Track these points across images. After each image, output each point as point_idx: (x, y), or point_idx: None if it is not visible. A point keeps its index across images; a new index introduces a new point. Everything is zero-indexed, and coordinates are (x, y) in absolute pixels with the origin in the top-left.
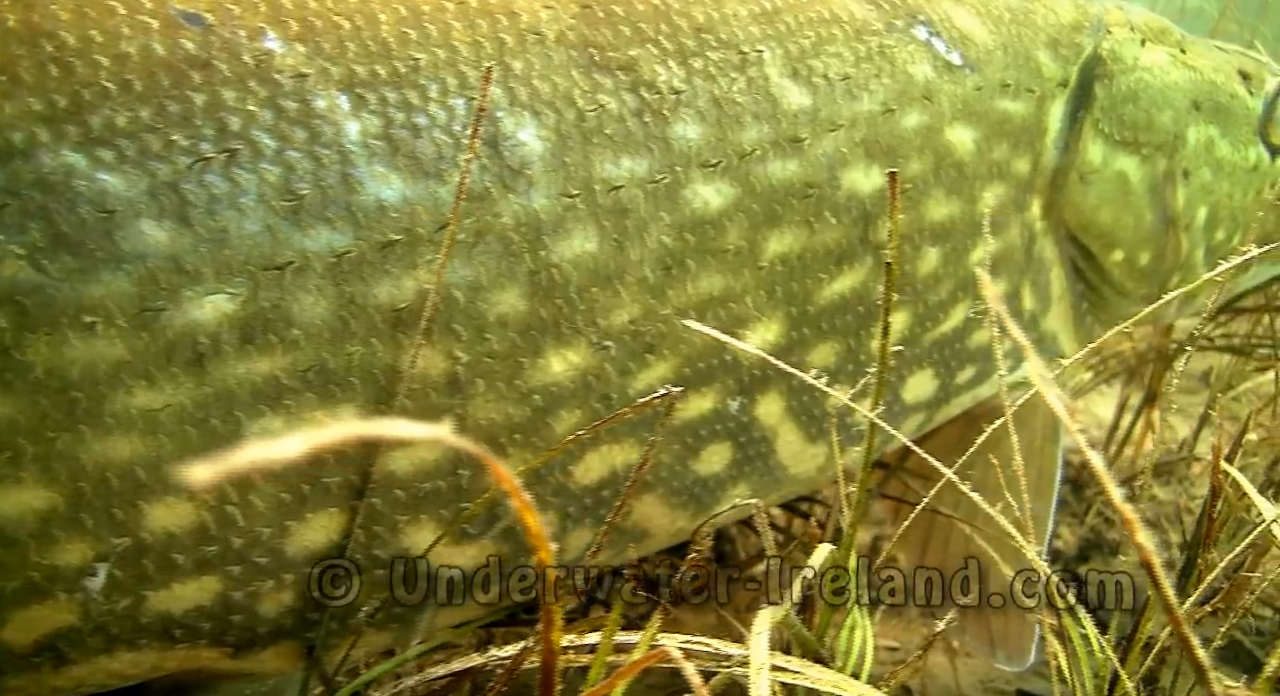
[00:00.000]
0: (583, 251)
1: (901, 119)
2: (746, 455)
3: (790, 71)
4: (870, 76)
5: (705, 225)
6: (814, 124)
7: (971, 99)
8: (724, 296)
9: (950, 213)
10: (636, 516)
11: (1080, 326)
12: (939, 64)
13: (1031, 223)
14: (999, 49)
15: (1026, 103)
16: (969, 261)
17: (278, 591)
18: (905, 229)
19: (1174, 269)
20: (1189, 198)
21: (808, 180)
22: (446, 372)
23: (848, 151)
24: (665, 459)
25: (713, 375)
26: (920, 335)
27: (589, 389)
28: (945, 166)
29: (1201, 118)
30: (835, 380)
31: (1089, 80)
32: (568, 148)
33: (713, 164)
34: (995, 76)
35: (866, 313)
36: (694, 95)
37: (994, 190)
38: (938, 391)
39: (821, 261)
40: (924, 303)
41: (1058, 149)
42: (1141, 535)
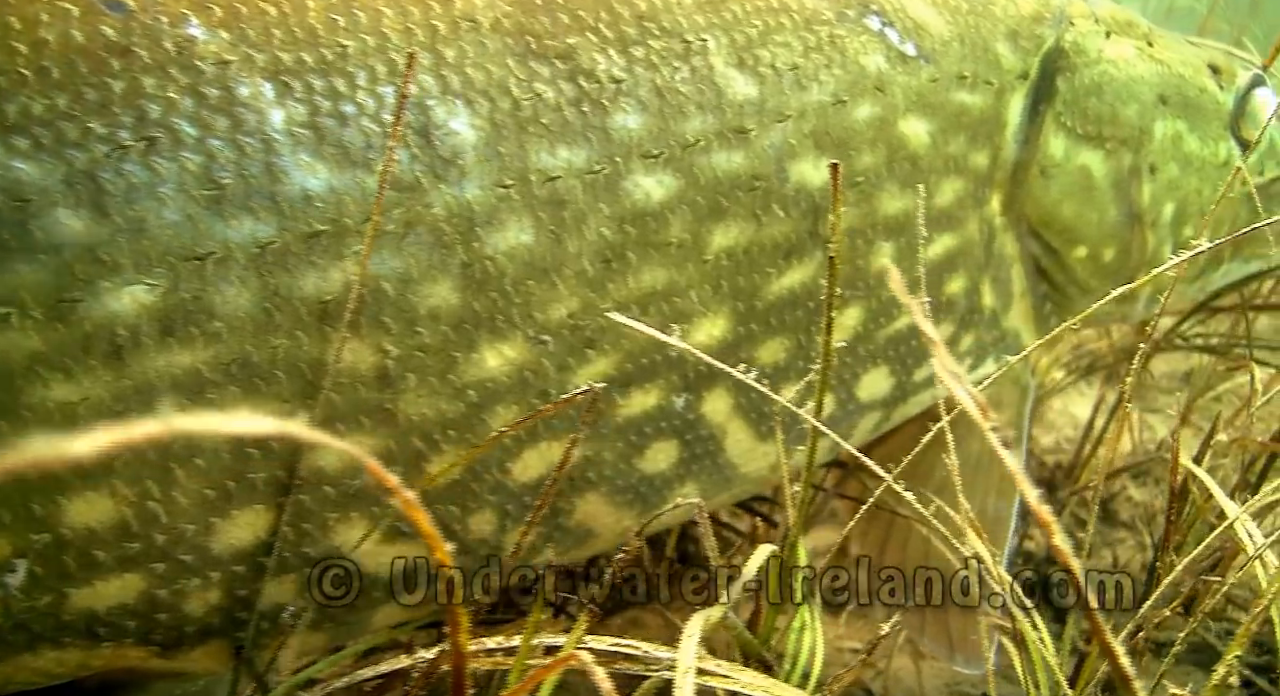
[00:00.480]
0: (518, 243)
1: (853, 110)
2: (694, 453)
3: (736, 61)
4: (820, 67)
5: (647, 217)
6: (761, 115)
7: (926, 91)
8: (667, 291)
9: (904, 207)
10: (580, 515)
11: (1044, 324)
12: (892, 55)
13: (991, 218)
14: (956, 40)
15: (985, 95)
16: (925, 257)
17: (204, 590)
18: (857, 223)
19: (1140, 266)
20: (1155, 193)
21: (754, 172)
22: (375, 367)
23: (796, 143)
24: (608, 457)
25: (656, 371)
26: (874, 332)
27: (526, 385)
28: (899, 159)
29: (1169, 112)
30: (786, 377)
31: (1051, 73)
32: (502, 137)
33: (654, 155)
34: (952, 68)
35: (817, 308)
36: (635, 84)
37: (951, 184)
38: (894, 389)
39: (769, 255)
40: (877, 298)
41: (1018, 142)
42: (1058, 538)
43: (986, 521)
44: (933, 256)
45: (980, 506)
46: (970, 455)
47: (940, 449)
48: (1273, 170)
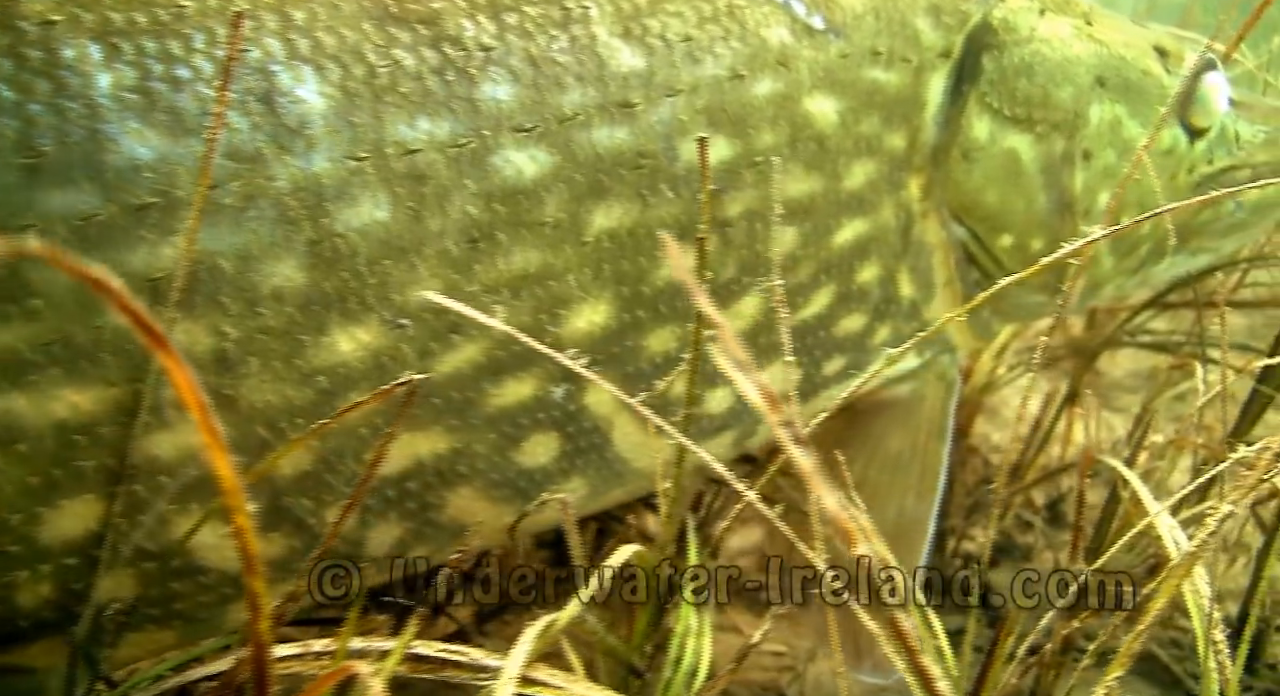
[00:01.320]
0: (372, 220)
1: (751, 86)
2: (578, 447)
3: (621, 30)
4: (716, 39)
5: (518, 195)
6: (648, 88)
7: (835, 67)
8: (541, 274)
9: (809, 189)
10: (453, 511)
11: (975, 316)
12: (797, 28)
13: (909, 203)
14: (869, 14)
15: (901, 73)
16: (833, 243)
17: (35, 583)
18: (756, 206)
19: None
20: (1089, 181)
21: (640, 149)
22: (213, 350)
23: (688, 119)
24: (480, 449)
25: (531, 359)
26: (775, 322)
27: (384, 371)
28: (804, 139)
29: (1107, 95)
30: (677, 368)
31: (976, 51)
32: (355, 106)
33: (527, 129)
34: (864, 43)
35: (712, 295)
36: (506, 53)
37: (862, 166)
38: (802, 382)
39: (657, 238)
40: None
41: (938, 124)
42: (863, 546)
43: (903, 523)
44: (841, 242)
45: (898, 507)
46: (890, 453)
47: (860, 446)
48: (1223, 159)
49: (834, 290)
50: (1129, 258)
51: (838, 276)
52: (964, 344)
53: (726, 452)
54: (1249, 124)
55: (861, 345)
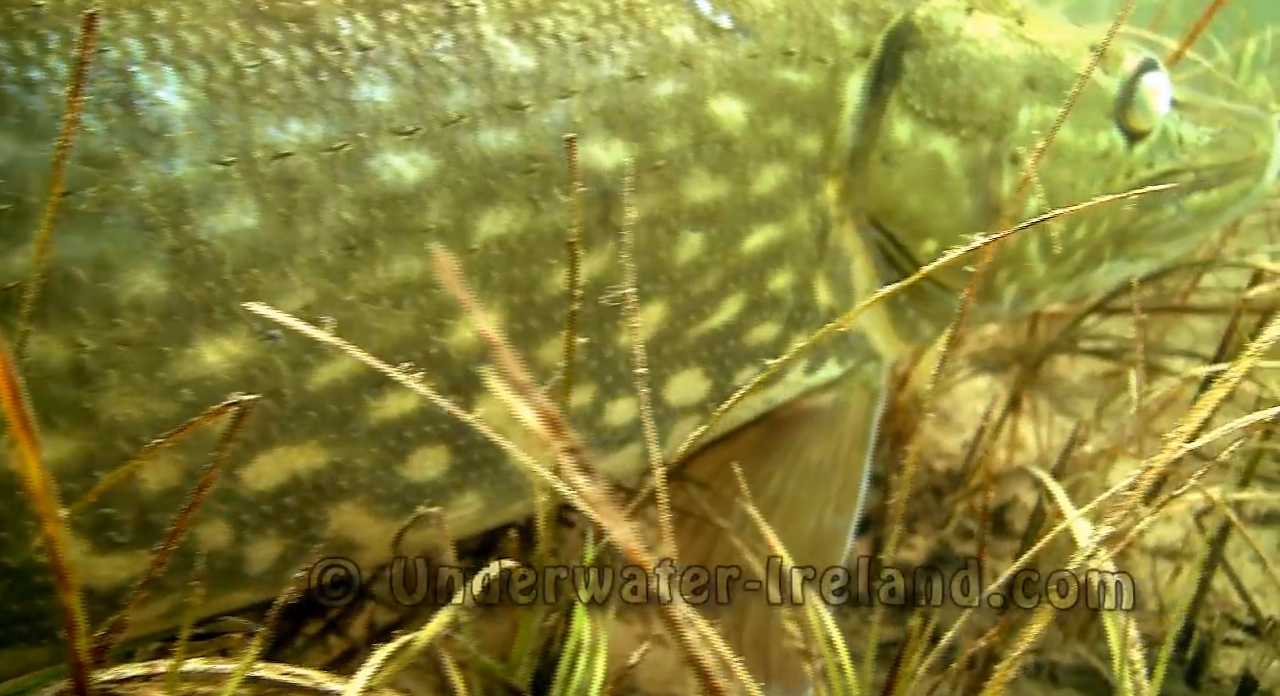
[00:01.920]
0: (239, 227)
1: (652, 87)
2: (470, 460)
3: (511, 29)
4: (613, 38)
5: (398, 200)
6: (539, 89)
7: (743, 67)
8: (424, 282)
9: (715, 194)
10: (337, 526)
11: (901, 322)
12: (702, 26)
13: (825, 207)
14: (781, 12)
15: (815, 73)
16: (742, 249)
17: None
18: (658, 211)
19: (1001, 262)
20: (1017, 185)
21: (530, 153)
22: (69, 362)
23: (582, 121)
24: (363, 463)
25: (415, 370)
26: (682, 330)
27: (254, 383)
28: (709, 142)
29: (1038, 97)
30: (577, 378)
31: (897, 50)
32: (220, 108)
33: (407, 131)
34: (775, 42)
35: (613, 303)
36: (386, 52)
37: (773, 170)
38: (712, 393)
39: (550, 245)
40: (684, 294)
41: (857, 126)
42: (645, 558)
43: (821, 537)
44: (751, 249)
45: (816, 520)
46: (810, 464)
47: (780, 456)
48: (1165, 163)
49: (744, 298)
50: (1063, 264)
51: (748, 284)
52: (890, 350)
53: (635, 464)
54: (1194, 126)
55: (776, 354)
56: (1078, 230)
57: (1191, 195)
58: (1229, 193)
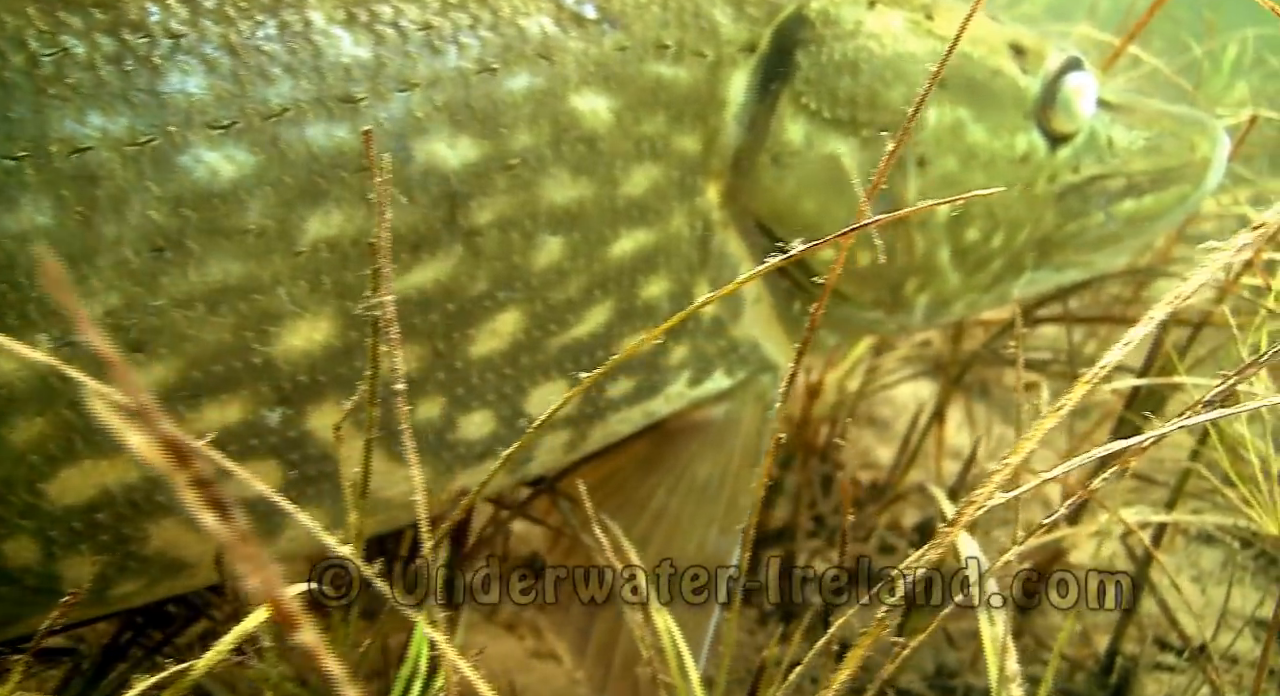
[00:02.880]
0: (33, 226)
1: (504, 81)
2: (305, 475)
3: (344, 16)
4: (461, 28)
5: (212, 199)
6: (375, 82)
7: (610, 61)
8: (245, 286)
9: (578, 195)
10: (159, 543)
11: (797, 329)
12: (565, 17)
13: (706, 211)
14: (655, 3)
15: (694, 69)
16: (609, 254)
17: None
18: (512, 213)
19: (909, 271)
20: (925, 189)
21: (364, 150)
22: None
23: (424, 117)
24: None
25: (237, 380)
26: (543, 340)
27: (53, 393)
28: (570, 140)
29: (947, 97)
30: (422, 391)
31: (788, 46)
32: (13, 99)
33: (223, 125)
34: (647, 35)
35: (459, 310)
36: (200, 40)
37: (645, 171)
38: (581, 406)
39: (390, 249)
40: (543, 301)
41: (742, 125)
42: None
43: (705, 559)
44: (620, 254)
45: (700, 541)
46: (697, 480)
47: (666, 471)
48: (1092, 168)
49: (613, 306)
50: (979, 274)
51: (617, 291)
52: (787, 360)
53: (499, 480)
54: (1126, 129)
55: (654, 365)
56: (994, 238)
57: (1123, 201)
58: (1165, 199)
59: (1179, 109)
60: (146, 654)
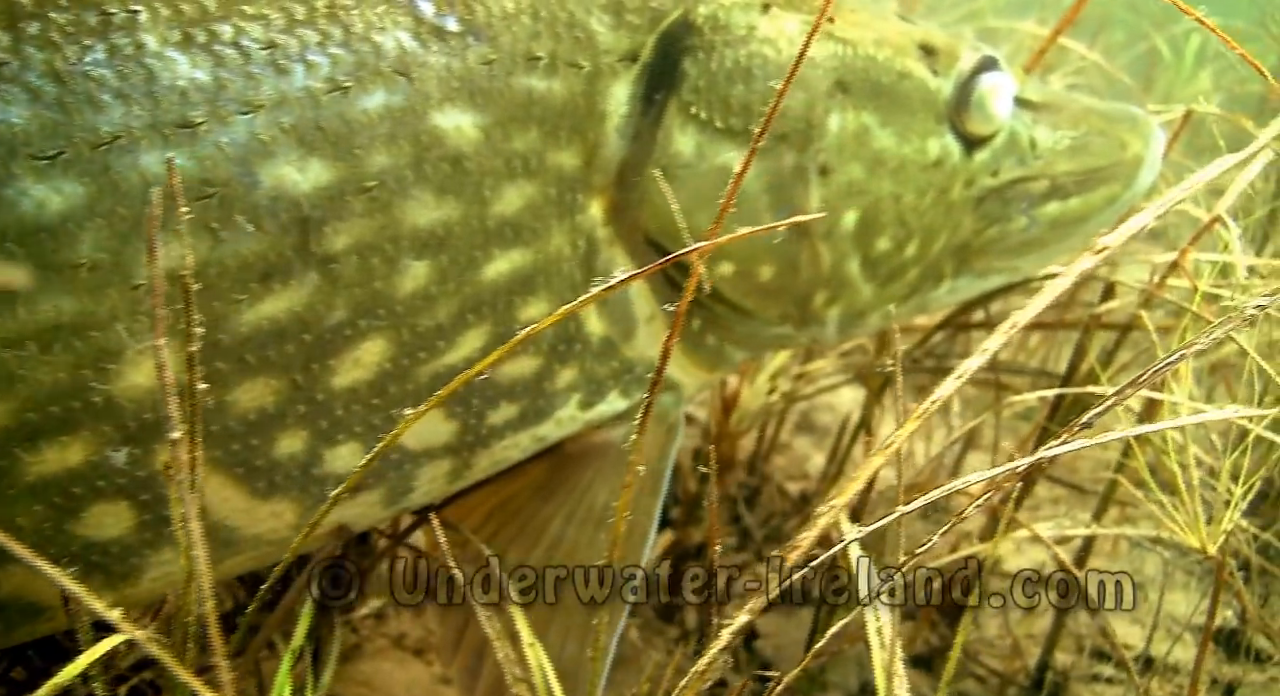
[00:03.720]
0: None
1: (358, 100)
2: (159, 515)
3: (179, 38)
4: (309, 45)
5: (40, 233)
6: (214, 105)
7: (476, 75)
8: (81, 323)
9: (444, 217)
10: (10, 588)
11: (700, 350)
12: (425, 31)
13: (589, 228)
14: (525, 13)
15: (569, 81)
16: (481, 277)
17: None
18: (372, 237)
19: (816, 284)
20: (829, 198)
21: (205, 177)
22: None
23: (270, 140)
24: (25, 522)
25: (76, 420)
26: (411, 368)
27: None
28: (433, 160)
29: (850, 102)
30: (281, 425)
31: (674, 54)
32: None
33: (49, 156)
34: (516, 47)
35: (317, 341)
36: (23, 67)
37: (518, 189)
38: (461, 434)
39: (237, 278)
40: (410, 328)
41: (625, 138)
42: None
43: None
44: (494, 277)
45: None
46: (596, 507)
47: (564, 497)
48: (1013, 170)
49: (488, 331)
50: (894, 284)
51: (492, 315)
52: (691, 380)
53: (377, 512)
54: (1050, 129)
55: (539, 390)
56: (907, 247)
57: (1047, 204)
58: (1092, 201)
59: (1110, 106)
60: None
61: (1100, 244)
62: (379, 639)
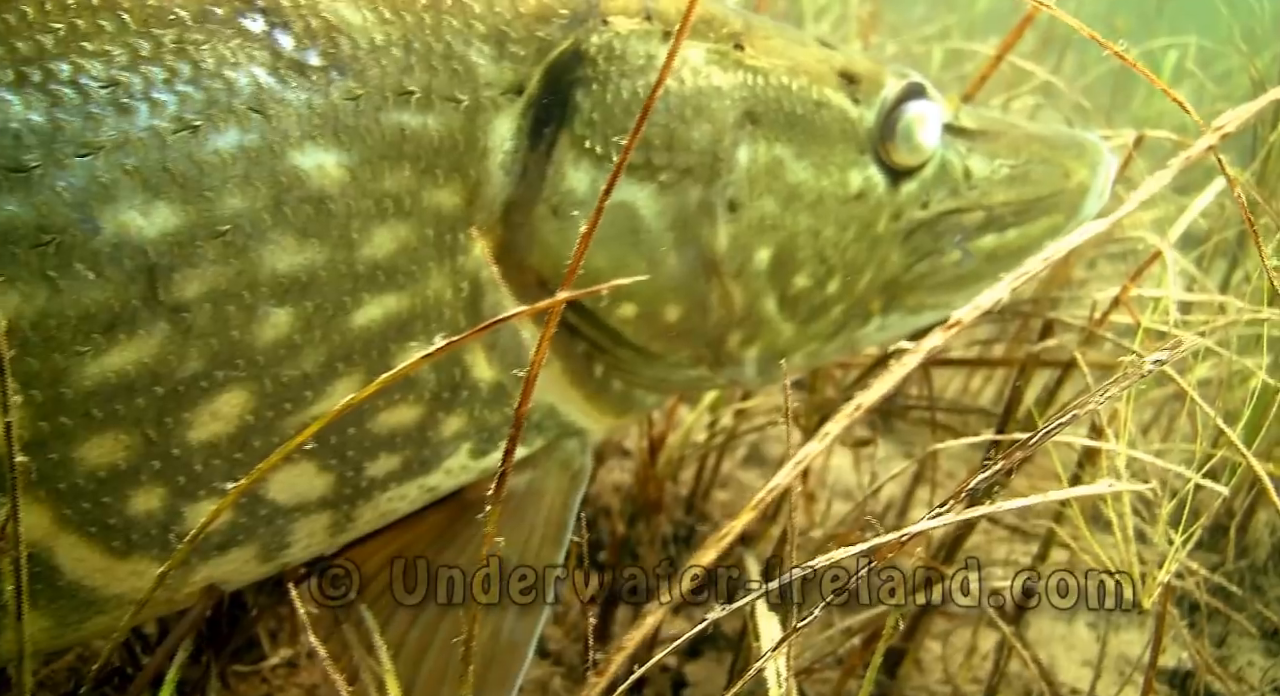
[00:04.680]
0: None
1: (208, 140)
2: None
3: (12, 77)
4: (155, 83)
5: None
6: (50, 147)
7: (339, 111)
8: None
9: (307, 262)
10: None
11: (605, 394)
12: (283, 66)
13: (473, 270)
14: (394, 46)
15: (446, 116)
16: (351, 324)
17: None
18: (225, 285)
19: (729, 325)
20: (739, 236)
21: (41, 223)
22: None
23: (112, 183)
24: None
25: None
26: (276, 420)
27: None
28: (293, 202)
29: (761, 133)
30: (134, 482)
31: (564, 86)
32: None
33: None
34: (386, 82)
35: (170, 393)
36: None
37: (390, 231)
38: (338, 487)
39: (79, 329)
40: (273, 379)
41: (511, 175)
42: None
43: (498, 647)
44: (366, 323)
45: (494, 627)
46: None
47: (462, 546)
48: (945, 202)
49: (362, 380)
50: (816, 322)
51: (365, 363)
52: (598, 425)
53: (255, 569)
54: (987, 158)
55: (423, 440)
56: (829, 284)
57: (983, 237)
58: (1032, 232)
59: (1056, 131)
60: None
61: (953, 317)
62: (292, 689)
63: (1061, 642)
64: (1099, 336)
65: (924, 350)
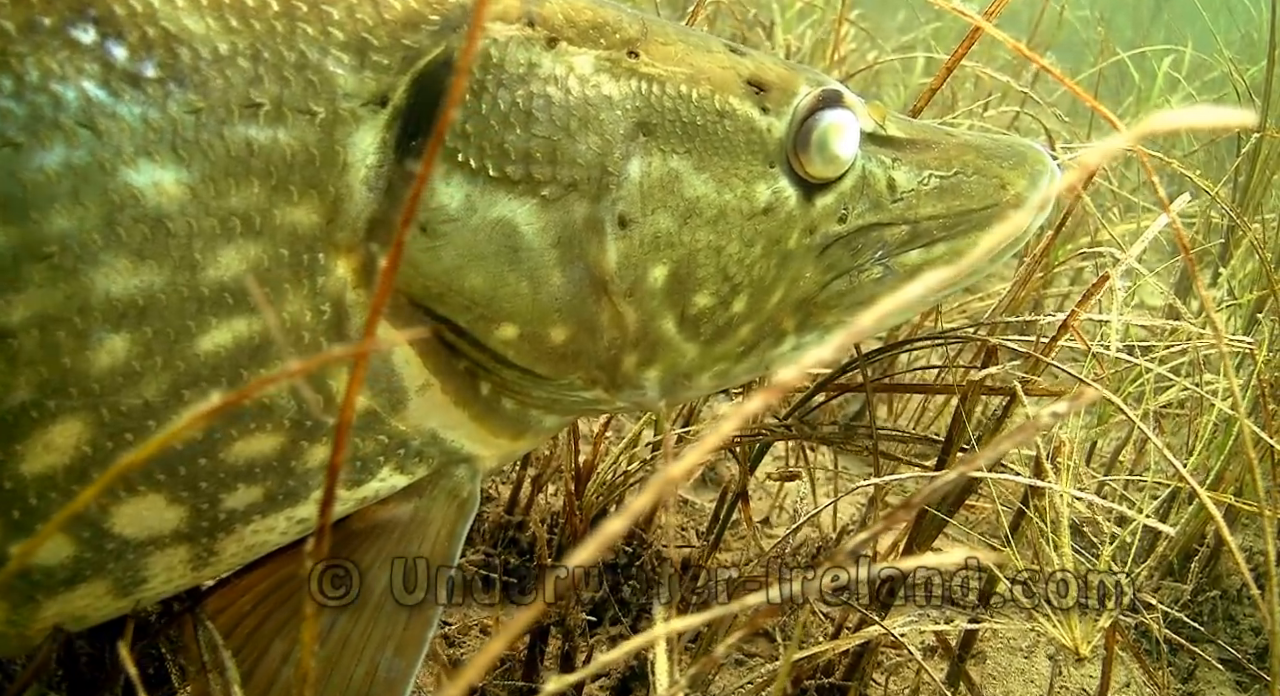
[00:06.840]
0: None
1: (30, 158)
2: None
3: None
4: None
5: None
6: None
7: (178, 126)
8: None
9: (144, 285)
10: None
11: (495, 416)
12: (114, 78)
13: (336, 292)
14: (241, 55)
15: (299, 129)
16: (196, 350)
17: None
18: (53, 310)
19: (623, 346)
20: (630, 253)
21: None
22: None
23: None
24: None
25: None
26: (116, 451)
27: None
28: (127, 222)
29: (655, 145)
30: None
31: (433, 96)
32: None
33: None
34: (231, 94)
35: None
36: None
37: (238, 251)
38: (193, 520)
39: None
40: (110, 408)
41: (376, 191)
42: None
43: (375, 687)
44: (213, 349)
45: (369, 665)
46: (374, 593)
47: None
48: (866, 216)
49: None
50: (722, 343)
51: (215, 391)
52: (490, 450)
53: (110, 604)
54: (915, 169)
55: (286, 470)
56: (734, 303)
57: (907, 252)
58: (961, 247)
59: (998, 140)
60: None
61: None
62: None
63: (1019, 676)
64: (1044, 362)
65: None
